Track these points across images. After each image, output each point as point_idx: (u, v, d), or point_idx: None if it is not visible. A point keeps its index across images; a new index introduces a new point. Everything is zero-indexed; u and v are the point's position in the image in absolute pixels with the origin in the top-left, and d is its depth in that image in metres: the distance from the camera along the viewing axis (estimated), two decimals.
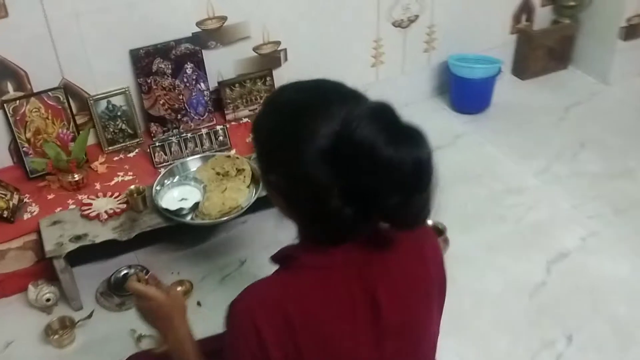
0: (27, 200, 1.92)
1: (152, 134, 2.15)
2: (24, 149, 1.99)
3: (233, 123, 2.24)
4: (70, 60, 2.00)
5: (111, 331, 1.77)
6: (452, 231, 1.92)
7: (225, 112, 2.24)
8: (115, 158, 2.10)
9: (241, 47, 2.23)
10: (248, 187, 1.88)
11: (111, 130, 2.11)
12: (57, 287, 1.81)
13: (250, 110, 2.26)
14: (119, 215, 1.82)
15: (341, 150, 0.85)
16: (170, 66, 2.11)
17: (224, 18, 2.15)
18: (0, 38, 1.87)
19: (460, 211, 2.07)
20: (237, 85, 2.23)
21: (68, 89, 2.03)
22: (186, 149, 2.05)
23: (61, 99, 2.01)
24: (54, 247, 1.73)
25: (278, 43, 2.29)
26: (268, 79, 2.28)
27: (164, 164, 2.02)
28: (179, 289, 1.86)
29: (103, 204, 1.85)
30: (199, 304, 1.83)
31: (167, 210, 1.78)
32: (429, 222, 1.17)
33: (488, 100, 2.66)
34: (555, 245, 1.95)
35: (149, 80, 2.10)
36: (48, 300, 1.79)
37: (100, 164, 2.05)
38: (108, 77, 2.07)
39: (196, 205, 1.81)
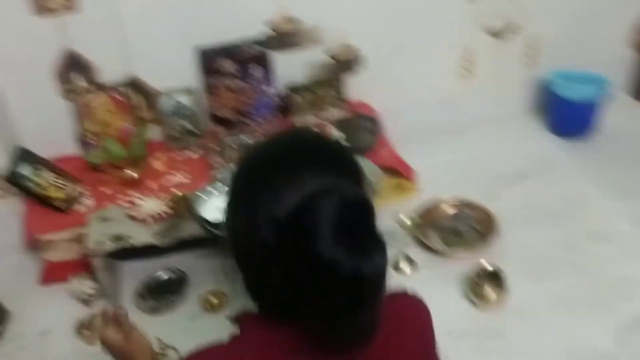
0: (85, 192, 1.96)
1: (216, 136, 2.12)
2: (89, 140, 2.03)
3: None
4: (139, 55, 1.99)
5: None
6: (515, 277, 1.71)
7: (293, 117, 2.15)
8: (177, 157, 2.08)
9: (313, 51, 2.12)
10: None
11: (175, 128, 2.10)
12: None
13: (318, 118, 2.16)
14: (163, 219, 1.80)
15: (290, 225, 0.73)
16: (237, 67, 2.05)
17: (297, 20, 2.05)
18: (73, 31, 1.90)
19: (530, 254, 1.84)
20: (306, 90, 2.13)
21: (135, 84, 2.03)
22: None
23: (128, 93, 2.03)
24: (94, 245, 1.74)
25: (354, 48, 2.15)
26: (339, 86, 2.16)
27: (220, 169, 1.98)
28: (211, 300, 1.82)
29: (152, 206, 1.83)
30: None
31: (204, 219, 1.73)
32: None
33: (593, 124, 2.34)
34: (635, 310, 1.67)
35: (214, 81, 2.06)
36: (88, 294, 1.82)
37: (160, 162, 2.05)
38: (175, 75, 2.04)
39: None
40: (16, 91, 1.95)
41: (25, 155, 1.91)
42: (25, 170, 1.87)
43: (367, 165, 1.92)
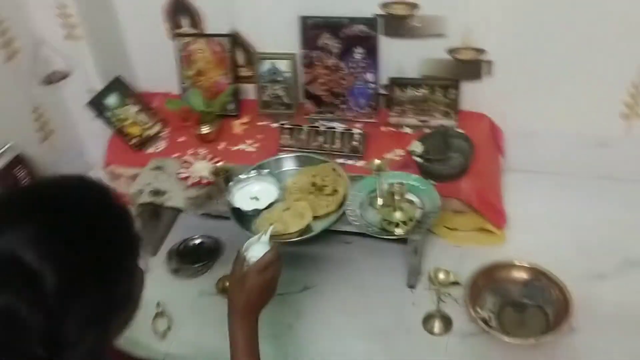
0: (162, 136, 1.98)
1: (306, 111, 1.96)
2: (184, 85, 2.03)
3: (391, 129, 1.88)
4: (244, 11, 1.89)
5: (153, 291, 1.76)
6: None
7: (390, 113, 1.89)
8: (259, 123, 1.99)
9: (430, 45, 1.79)
10: (315, 217, 1.59)
11: (268, 93, 1.98)
12: None
13: (419, 121, 1.86)
14: (204, 186, 1.74)
15: None
16: (339, 45, 1.84)
17: (415, 5, 1.74)
18: None
19: None
20: (412, 87, 1.84)
21: (236, 40, 1.95)
22: (314, 141, 1.81)
23: (227, 47, 1.96)
24: (134, 192, 1.77)
25: (482, 51, 1.77)
26: (453, 90, 1.82)
27: (287, 148, 1.84)
28: (226, 283, 1.74)
29: (200, 168, 1.78)
30: None
31: (231, 204, 1.63)
32: None
33: None
34: None
35: (313, 54, 1.88)
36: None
37: (241, 124, 1.97)
38: (277, 40, 1.91)
39: (258, 211, 1.61)
40: (132, 24, 2.02)
41: (119, 86, 1.98)
42: (112, 100, 1.95)
43: (426, 189, 1.62)
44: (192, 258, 1.80)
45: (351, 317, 1.63)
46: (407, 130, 1.86)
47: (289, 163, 1.77)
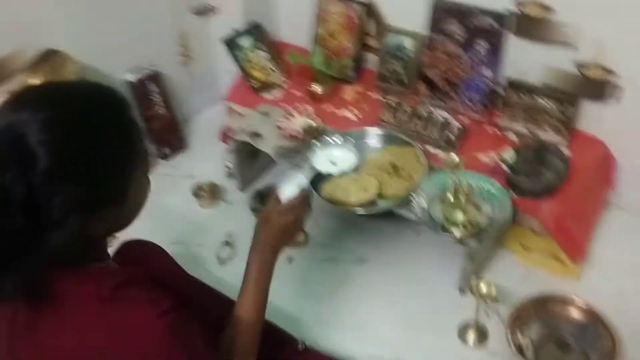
0: (282, 85, 2.08)
1: (417, 93, 1.94)
2: (314, 42, 2.10)
3: (496, 130, 1.80)
4: None
5: (229, 221, 1.93)
6: None
7: (499, 114, 1.80)
8: (370, 94, 2.00)
9: (558, 53, 1.67)
10: (382, 195, 1.61)
11: (387, 67, 1.99)
12: None
13: (527, 129, 1.76)
14: (295, 140, 1.83)
15: None
16: (464, 34, 1.79)
17: (550, 9, 1.63)
18: None
19: None
20: (528, 93, 1.74)
21: (370, 9, 1.98)
22: (412, 123, 1.80)
23: (361, 14, 1.99)
24: (236, 128, 1.91)
25: (612, 72, 1.62)
26: (570, 107, 1.69)
27: (385, 124, 1.85)
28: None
29: (298, 123, 1.86)
30: (290, 260, 1.78)
31: (311, 164, 1.70)
32: None
33: None
34: None
35: (437, 38, 1.84)
36: (227, 167, 2.02)
37: (354, 91, 2.01)
38: (406, 16, 1.91)
39: (331, 175, 1.66)
40: None
41: (256, 31, 2.11)
42: (246, 42, 2.09)
43: (501, 199, 1.56)
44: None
45: (391, 302, 1.65)
46: (512, 136, 1.77)
47: (376, 137, 1.80)
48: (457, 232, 1.50)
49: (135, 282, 0.90)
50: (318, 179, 1.68)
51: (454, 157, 1.52)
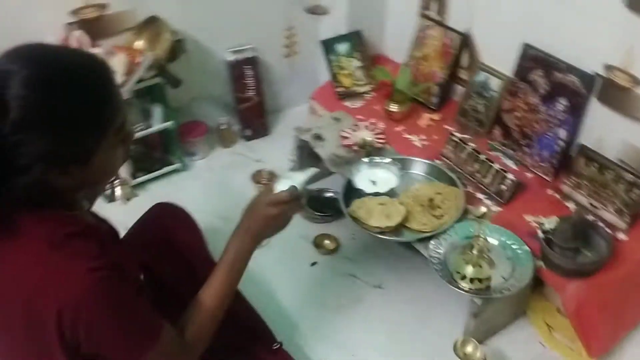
0: (365, 96, 2.11)
1: (491, 136, 1.86)
2: (407, 61, 2.09)
3: (555, 195, 1.68)
4: (482, 17, 1.86)
5: None
6: None
7: (564, 180, 1.67)
8: (445, 126, 1.96)
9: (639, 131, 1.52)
10: (407, 225, 1.59)
11: (470, 103, 1.92)
12: None
13: (589, 203, 1.62)
14: (349, 150, 1.85)
15: None
16: (546, 87, 1.68)
17: (638, 81, 1.48)
18: None
19: None
20: (598, 165, 1.59)
21: (466, 41, 1.93)
22: (469, 165, 1.73)
23: (456, 44, 1.94)
24: (303, 126, 1.97)
25: None
26: (638, 191, 1.52)
27: (445, 159, 1.80)
28: (326, 242, 1.86)
29: (359, 135, 1.88)
30: (313, 264, 1.81)
31: (348, 181, 1.72)
32: None
33: None
34: None
35: (520, 85, 1.75)
36: (291, 161, 2.09)
37: (430, 118, 1.97)
38: (497, 54, 1.85)
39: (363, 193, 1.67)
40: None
41: (355, 39, 2.15)
42: (342, 48, 2.14)
43: (526, 264, 1.47)
44: (318, 205, 1.96)
45: (392, 337, 1.62)
46: (571, 205, 1.64)
47: (425, 169, 1.79)
48: (464, 285, 1.44)
49: (87, 236, 0.99)
50: (353, 193, 1.69)
51: (482, 208, 1.46)
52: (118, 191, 2.03)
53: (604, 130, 1.62)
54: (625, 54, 1.49)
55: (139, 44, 1.95)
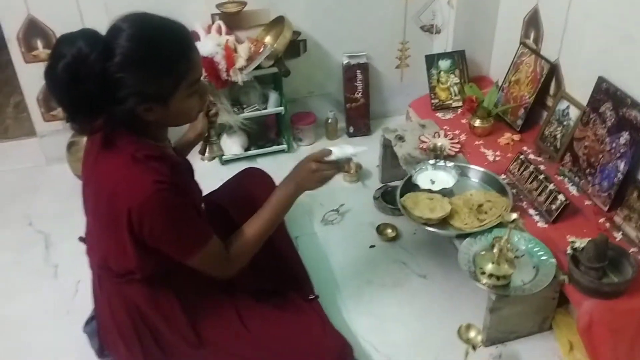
0: (458, 110, 2.28)
1: (562, 162, 1.94)
2: (500, 83, 2.23)
3: (606, 224, 1.72)
4: (570, 47, 1.97)
5: (349, 196, 2.25)
6: None
7: (617, 212, 1.72)
8: (523, 147, 2.07)
9: None
10: (450, 222, 1.75)
11: (550, 129, 2.02)
12: None
13: (636, 237, 1.65)
14: (422, 152, 2.05)
15: None
16: (614, 120, 1.74)
17: None
18: None
19: None
20: None
21: (554, 69, 2.04)
22: (528, 183, 1.84)
23: (544, 71, 2.05)
24: (393, 128, 2.19)
25: None
26: None
27: (509, 174, 1.92)
28: (388, 230, 2.06)
29: (437, 142, 2.06)
30: (371, 246, 2.03)
31: (409, 177, 1.93)
32: None
33: None
34: None
35: (592, 116, 1.82)
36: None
37: (510, 138, 2.09)
38: (578, 84, 1.96)
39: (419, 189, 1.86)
40: (503, 20, 2.31)
41: (457, 57, 2.35)
42: (445, 64, 2.35)
43: (548, 269, 1.56)
44: (390, 199, 2.17)
45: (419, 317, 1.80)
46: (618, 235, 1.69)
47: (484, 178, 1.93)
48: (484, 281, 1.58)
49: (162, 160, 1.32)
50: (412, 188, 1.89)
51: (514, 215, 1.58)
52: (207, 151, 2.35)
53: None
54: None
55: (268, 39, 2.32)
